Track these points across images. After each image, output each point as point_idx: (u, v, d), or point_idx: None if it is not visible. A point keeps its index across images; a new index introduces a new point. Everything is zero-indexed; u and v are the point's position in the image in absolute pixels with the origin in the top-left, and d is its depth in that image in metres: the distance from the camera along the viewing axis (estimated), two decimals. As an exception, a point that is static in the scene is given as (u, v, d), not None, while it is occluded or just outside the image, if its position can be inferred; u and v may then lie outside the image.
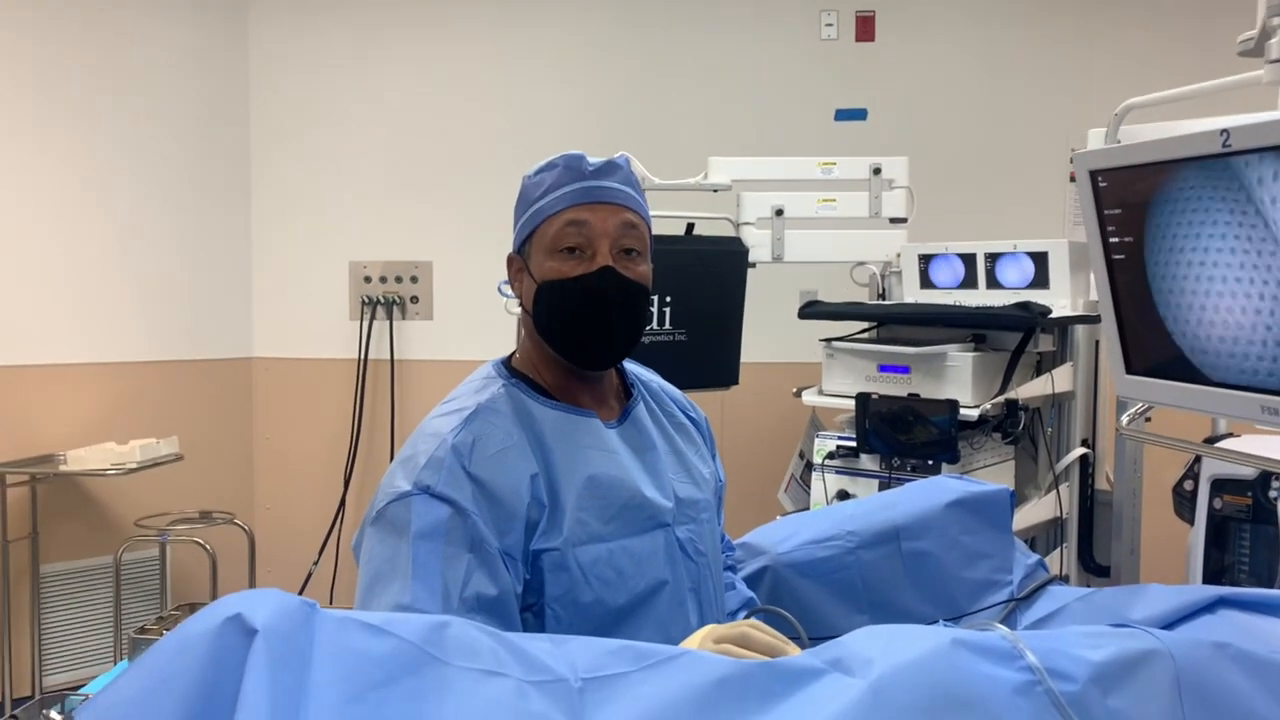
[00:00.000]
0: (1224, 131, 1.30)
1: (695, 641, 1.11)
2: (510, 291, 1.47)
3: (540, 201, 1.35)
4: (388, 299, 4.22)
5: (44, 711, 2.03)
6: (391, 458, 4.12)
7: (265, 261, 4.30)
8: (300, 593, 4.01)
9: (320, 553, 4.12)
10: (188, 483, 3.92)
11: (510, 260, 1.43)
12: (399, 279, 4.25)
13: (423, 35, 4.20)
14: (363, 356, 4.20)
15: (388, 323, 4.23)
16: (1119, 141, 2.23)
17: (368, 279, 4.25)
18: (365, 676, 0.86)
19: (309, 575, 4.10)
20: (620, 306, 1.35)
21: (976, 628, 0.99)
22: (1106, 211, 1.54)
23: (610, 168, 1.36)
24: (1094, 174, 1.53)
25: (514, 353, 1.47)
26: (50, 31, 3.72)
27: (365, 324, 4.21)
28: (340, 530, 4.14)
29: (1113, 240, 1.54)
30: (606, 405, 1.43)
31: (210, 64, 4.16)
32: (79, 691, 2.18)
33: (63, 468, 3.55)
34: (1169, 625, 1.23)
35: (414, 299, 4.25)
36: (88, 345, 3.84)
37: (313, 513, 4.18)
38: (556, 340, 1.36)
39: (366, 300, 4.22)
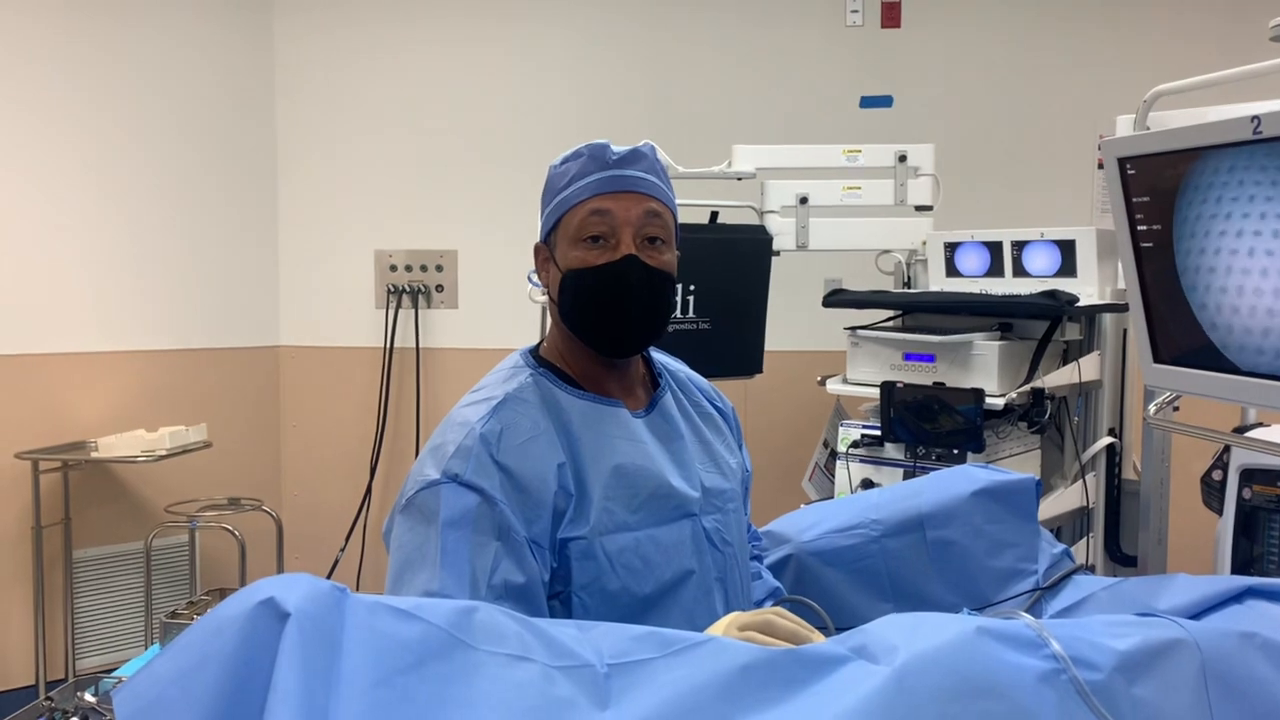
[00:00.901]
0: (1255, 118, 1.29)
1: (719, 629, 1.12)
2: (539, 280, 1.47)
3: (565, 191, 1.36)
4: (413, 287, 4.24)
5: (78, 694, 2.06)
6: (417, 445, 4.18)
7: (291, 251, 4.33)
8: (328, 578, 4.06)
9: (347, 539, 4.16)
10: (216, 470, 3.96)
11: (537, 250, 1.44)
12: (424, 267, 4.27)
13: (446, 23, 4.21)
14: (388, 345, 4.23)
15: (413, 311, 4.25)
16: (1148, 128, 2.21)
17: (393, 267, 4.27)
18: (394, 660, 0.87)
19: (336, 561, 4.14)
20: (643, 295, 1.35)
21: (1001, 616, 0.99)
22: (1135, 199, 1.53)
23: (635, 156, 1.37)
24: (1122, 161, 1.52)
25: (541, 341, 1.48)
26: (78, 23, 3.75)
27: (390, 312, 4.23)
28: (367, 516, 4.17)
29: (1141, 228, 1.53)
30: (634, 395, 1.44)
31: (236, 54, 4.19)
32: (112, 674, 2.21)
33: (94, 455, 3.60)
34: (1196, 615, 1.22)
35: (439, 287, 4.27)
36: (118, 334, 3.88)
37: (340, 499, 4.22)
38: (581, 328, 1.37)
39: (392, 289, 4.24)
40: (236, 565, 3.72)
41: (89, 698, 2.04)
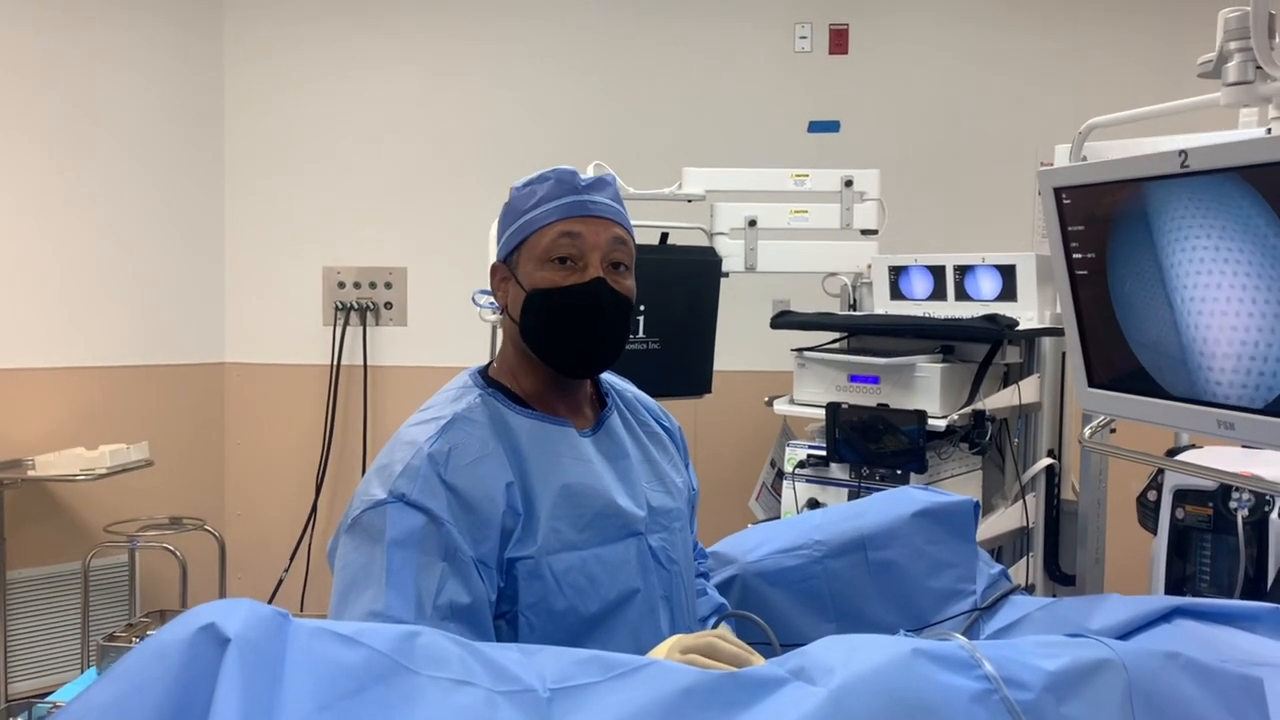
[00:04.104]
0: (1182, 152, 1.34)
1: (662, 651, 1.12)
2: (483, 301, 1.48)
3: (532, 212, 1.38)
4: (361, 304, 4.22)
5: (11, 719, 2.02)
6: (363, 464, 4.14)
7: (238, 266, 4.29)
8: (271, 599, 4.00)
9: (291, 559, 4.11)
10: (158, 488, 3.90)
11: (495, 269, 1.44)
12: (373, 285, 4.24)
13: (397, 44, 4.20)
14: (335, 362, 4.19)
15: (361, 328, 4.22)
16: (1084, 159, 2.27)
17: (341, 284, 4.24)
18: (336, 686, 0.87)
19: (280, 582, 4.08)
20: (609, 317, 1.38)
21: (937, 637, 1.01)
22: (1070, 228, 1.57)
23: (601, 184, 1.40)
24: (1058, 191, 1.56)
25: (490, 362, 1.49)
26: (20, 32, 3.70)
27: (338, 330, 4.20)
28: (311, 537, 4.13)
29: (1076, 256, 1.57)
30: (581, 414, 1.45)
31: (184, 68, 4.14)
32: (46, 699, 2.16)
33: (31, 473, 3.52)
34: (1126, 634, 1.26)
35: (388, 305, 4.24)
36: (58, 349, 3.81)
37: (284, 519, 4.17)
38: (543, 348, 1.38)
39: (340, 306, 4.21)
40: (177, 586, 3.65)
41: (22, 723, 1.99)
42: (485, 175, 4.07)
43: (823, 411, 2.59)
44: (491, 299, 1.57)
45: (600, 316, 1.36)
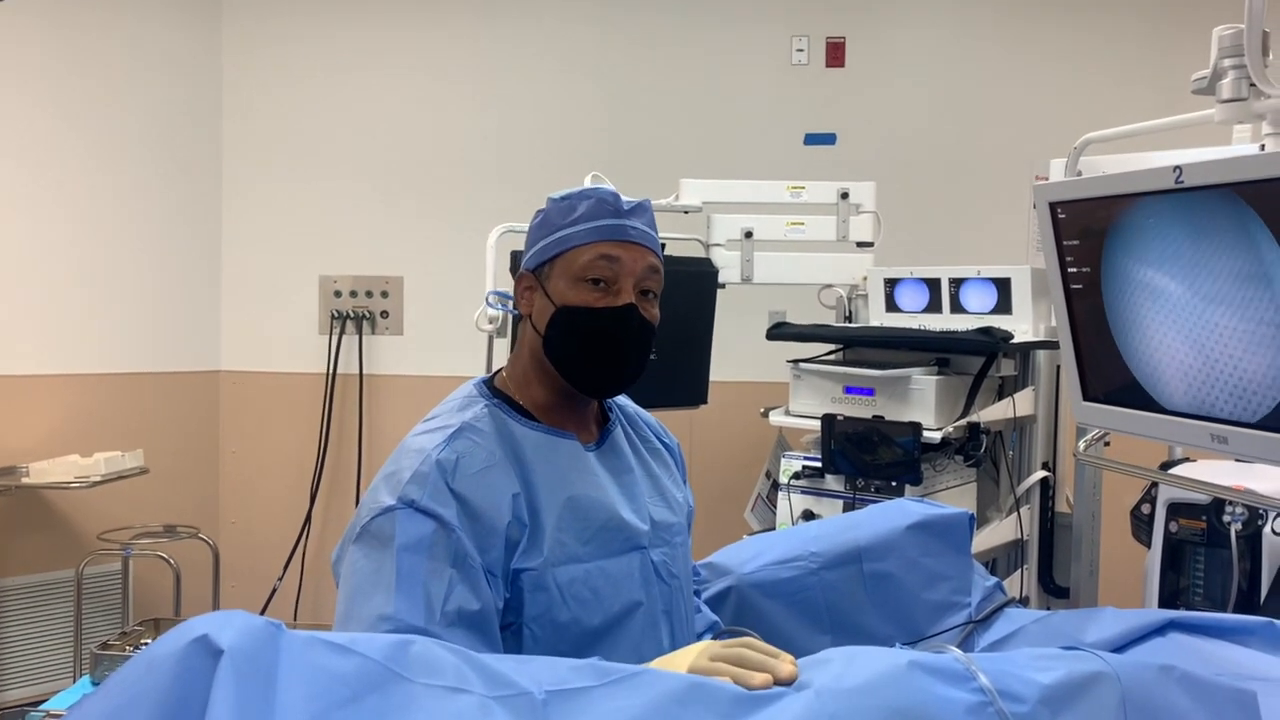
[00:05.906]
0: (1177, 168, 1.34)
1: (691, 655, 1.10)
2: (495, 303, 1.49)
3: (570, 228, 1.38)
4: (357, 313, 4.21)
5: (2, 727, 2.01)
6: (359, 473, 4.13)
7: (234, 274, 4.28)
8: (264, 608, 3.99)
9: (285, 568, 4.09)
10: (152, 496, 3.89)
11: (521, 277, 1.45)
12: (369, 293, 4.24)
13: (397, 53, 4.21)
14: (331, 371, 4.19)
15: (357, 337, 4.22)
16: (1079, 173, 2.28)
17: (337, 293, 4.24)
18: (330, 695, 0.87)
19: (274, 590, 4.07)
20: (635, 343, 1.39)
21: (932, 650, 1.01)
22: (1065, 242, 1.58)
23: (641, 209, 1.42)
24: (1053, 205, 1.57)
25: (496, 373, 1.49)
26: (18, 34, 3.70)
27: (334, 338, 4.20)
28: (306, 545, 4.11)
29: (1071, 270, 1.58)
30: (586, 429, 1.46)
31: (182, 74, 4.14)
32: (39, 707, 2.16)
33: (25, 480, 3.51)
34: (1121, 648, 1.26)
35: (384, 314, 4.24)
36: (52, 357, 3.80)
37: (278, 527, 4.16)
38: (565, 363, 1.39)
39: (336, 314, 4.21)
40: (171, 594, 3.64)
41: (14, 732, 1.98)
42: (482, 185, 4.08)
43: (818, 423, 2.60)
44: (505, 301, 1.57)
45: (627, 342, 1.38)
